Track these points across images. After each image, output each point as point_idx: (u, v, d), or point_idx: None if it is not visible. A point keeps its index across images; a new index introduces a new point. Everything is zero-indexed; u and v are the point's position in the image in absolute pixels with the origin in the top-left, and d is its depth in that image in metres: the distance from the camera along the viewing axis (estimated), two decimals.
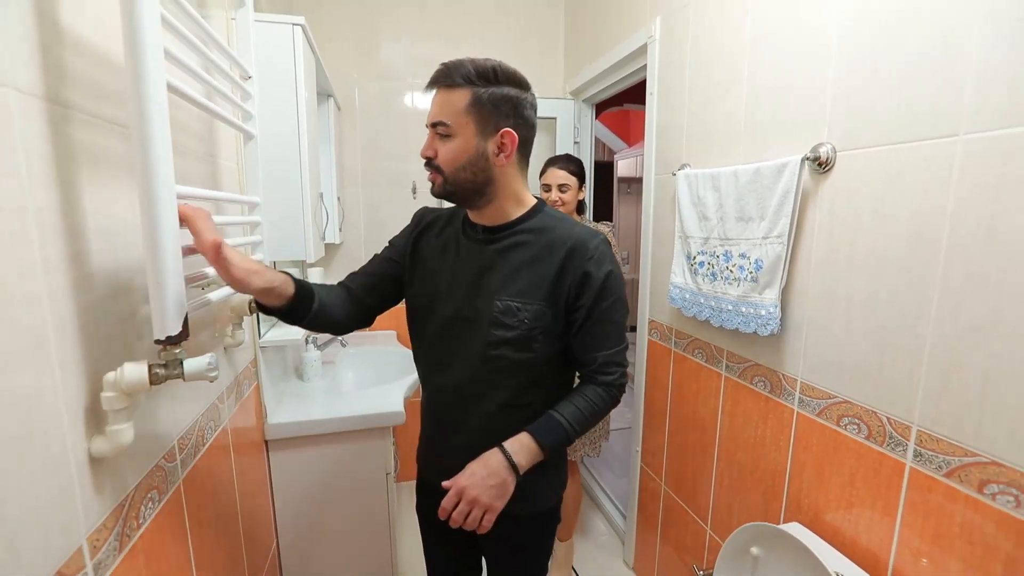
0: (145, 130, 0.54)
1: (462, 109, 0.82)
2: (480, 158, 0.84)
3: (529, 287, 0.87)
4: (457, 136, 0.83)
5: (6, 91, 0.48)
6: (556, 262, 0.87)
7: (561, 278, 0.86)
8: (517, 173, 0.90)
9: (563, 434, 0.87)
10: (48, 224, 0.53)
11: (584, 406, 0.89)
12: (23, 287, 0.50)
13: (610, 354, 0.90)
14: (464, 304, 0.91)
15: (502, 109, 0.83)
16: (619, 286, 0.90)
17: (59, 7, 0.56)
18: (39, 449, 0.51)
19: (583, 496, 2.41)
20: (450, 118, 0.82)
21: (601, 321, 0.89)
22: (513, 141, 0.84)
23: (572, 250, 0.86)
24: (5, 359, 0.47)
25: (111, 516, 0.62)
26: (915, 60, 0.83)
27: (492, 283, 0.89)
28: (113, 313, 0.65)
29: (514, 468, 0.84)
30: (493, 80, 0.82)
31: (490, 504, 0.82)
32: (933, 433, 0.83)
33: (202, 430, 0.93)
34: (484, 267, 0.90)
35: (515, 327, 0.87)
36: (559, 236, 0.88)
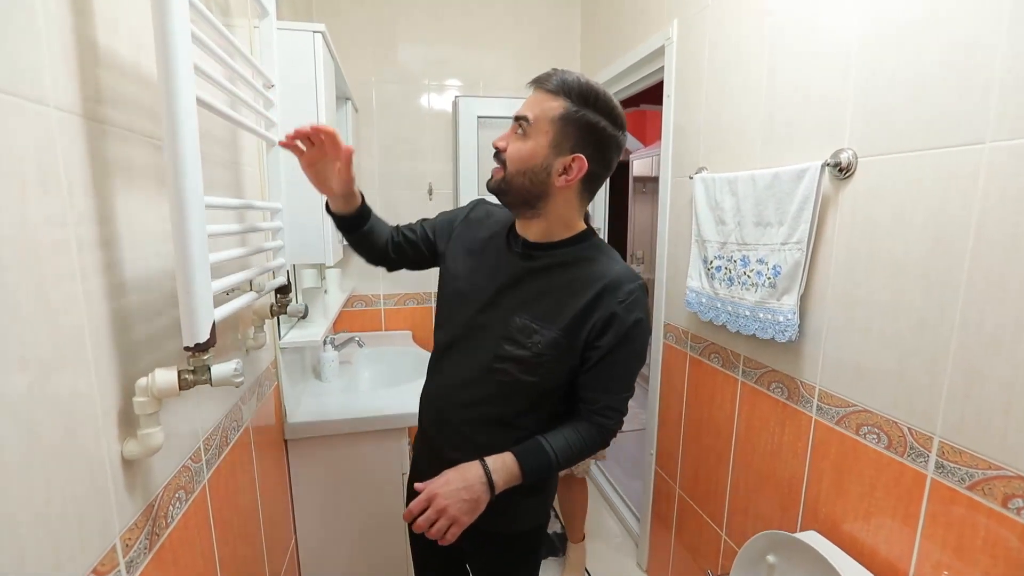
0: (177, 145, 0.56)
1: (549, 118, 0.80)
2: (543, 171, 0.82)
3: (551, 313, 0.85)
4: (531, 140, 0.82)
5: (48, 110, 0.50)
6: (587, 296, 0.84)
7: (588, 313, 0.84)
8: (575, 201, 0.87)
9: (546, 463, 0.85)
10: (85, 233, 0.56)
11: (574, 441, 0.87)
12: (62, 293, 0.52)
13: (615, 399, 0.88)
14: (486, 308, 0.90)
15: (585, 136, 0.81)
16: (643, 337, 0.87)
17: (95, 27, 0.58)
18: (78, 451, 0.54)
19: (597, 497, 2.42)
20: (535, 120, 0.81)
21: (615, 364, 0.86)
22: (581, 169, 0.81)
23: (606, 288, 0.84)
24: (47, 362, 0.49)
25: (142, 516, 0.65)
26: (937, 66, 0.82)
27: (515, 298, 0.88)
28: (143, 319, 0.67)
29: (491, 485, 0.82)
30: (591, 105, 0.80)
31: (457, 517, 0.80)
32: (956, 445, 0.82)
33: (226, 431, 0.96)
34: (513, 280, 0.89)
35: (527, 347, 0.85)
36: (597, 270, 0.86)
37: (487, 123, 2.19)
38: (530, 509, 0.99)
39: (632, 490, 2.34)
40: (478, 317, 0.91)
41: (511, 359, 0.86)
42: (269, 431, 1.27)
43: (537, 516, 1.01)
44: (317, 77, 1.26)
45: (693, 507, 1.57)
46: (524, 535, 1.01)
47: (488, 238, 0.96)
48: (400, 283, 2.34)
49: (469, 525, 0.83)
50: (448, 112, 2.30)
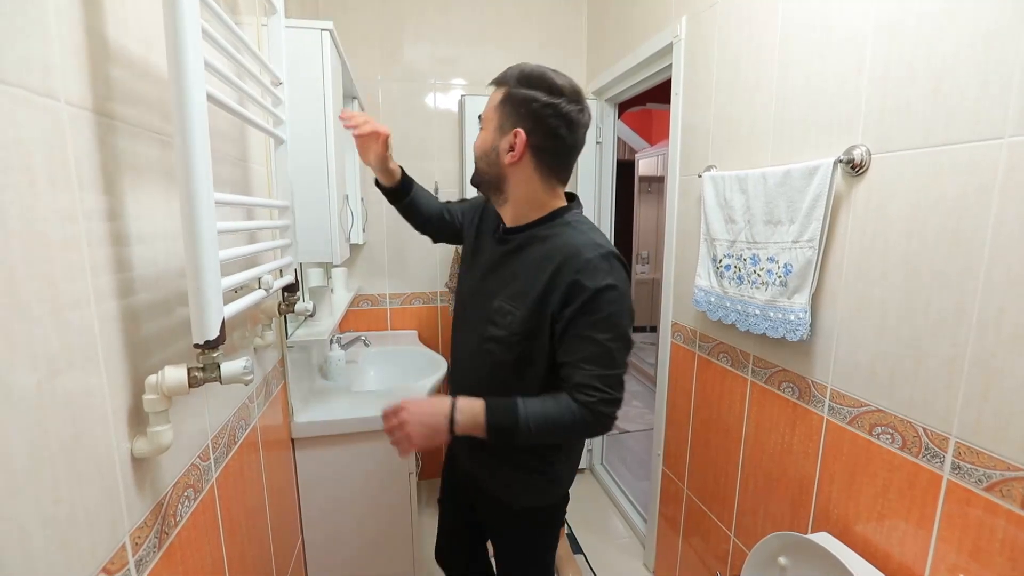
0: (187, 141, 0.55)
1: (493, 106, 0.89)
2: (492, 152, 0.89)
3: (521, 292, 0.88)
4: (484, 130, 0.91)
5: (58, 105, 0.50)
6: (548, 271, 0.85)
7: (550, 287, 0.84)
8: (535, 178, 0.89)
9: (513, 423, 0.83)
10: (95, 230, 0.55)
11: (551, 410, 0.83)
12: (73, 290, 0.51)
13: (587, 375, 0.83)
14: (476, 293, 0.99)
15: (521, 110, 0.85)
16: (610, 307, 0.83)
17: (106, 23, 0.58)
18: (88, 450, 0.53)
19: (603, 497, 2.41)
20: (484, 114, 0.91)
21: (581, 337, 0.83)
22: (521, 143, 0.85)
23: (565, 260, 0.84)
24: (57, 360, 0.49)
25: (151, 514, 0.64)
26: (956, 58, 0.81)
27: (495, 282, 0.95)
28: (152, 316, 0.67)
29: (452, 423, 0.83)
30: (524, 84, 0.85)
31: (412, 436, 0.83)
32: (973, 445, 0.80)
33: (233, 429, 0.95)
34: (493, 265, 0.96)
35: (504, 327, 0.90)
36: (558, 244, 0.87)
37: None
38: (534, 487, 1.01)
39: (639, 491, 2.33)
40: (471, 300, 1.00)
41: (493, 340, 0.91)
42: (276, 430, 1.27)
43: (544, 496, 1.03)
44: (325, 75, 1.25)
45: (701, 508, 1.56)
46: (532, 512, 1.04)
47: (486, 227, 1.04)
48: (406, 283, 2.33)
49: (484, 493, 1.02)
50: (454, 111, 2.29)
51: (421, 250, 2.28)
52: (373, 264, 2.28)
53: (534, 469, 0.99)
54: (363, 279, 2.27)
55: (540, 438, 0.84)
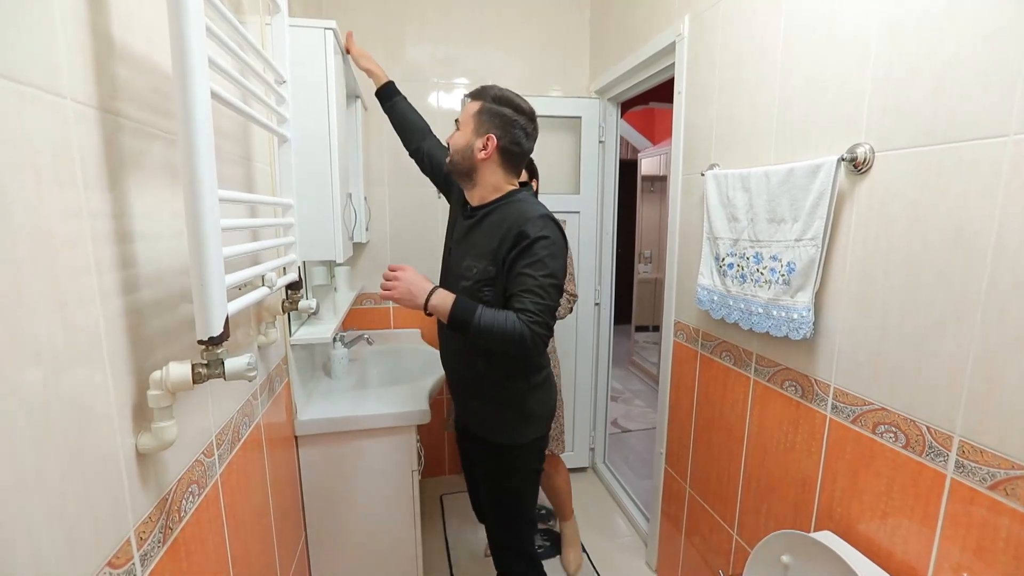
0: (191, 139, 0.56)
1: (471, 114, 1.15)
2: (468, 149, 1.15)
3: (482, 251, 1.13)
4: (461, 131, 1.17)
5: (64, 102, 0.50)
6: (502, 230, 1.10)
7: (503, 241, 1.09)
8: (498, 171, 1.17)
9: (469, 318, 1.04)
10: (100, 228, 0.56)
11: (500, 319, 1.04)
12: (78, 288, 0.52)
13: (526, 301, 1.04)
14: (454, 260, 1.23)
15: (494, 121, 1.13)
16: (547, 251, 1.07)
17: (110, 21, 0.59)
18: (93, 446, 0.54)
19: (606, 496, 2.41)
20: (462, 119, 1.17)
21: (522, 274, 1.06)
22: (492, 145, 1.13)
23: (514, 220, 1.09)
24: (62, 357, 0.49)
25: (155, 509, 0.65)
26: (960, 56, 0.80)
27: (464, 247, 1.20)
28: (156, 313, 0.67)
29: (427, 300, 1.08)
30: (498, 100, 1.14)
31: (393, 291, 1.09)
32: (977, 444, 0.80)
33: (238, 426, 0.96)
34: (462, 235, 1.22)
35: (470, 278, 1.14)
36: (511, 212, 1.13)
37: None
38: (509, 423, 1.23)
39: (641, 489, 2.33)
40: (450, 266, 1.25)
41: (464, 290, 1.13)
42: (280, 427, 1.28)
43: (517, 432, 1.24)
44: (328, 73, 1.26)
45: (704, 506, 1.56)
46: (506, 449, 1.25)
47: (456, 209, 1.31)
48: None
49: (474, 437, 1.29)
50: (457, 110, 2.29)
51: (424, 249, 2.28)
52: (376, 263, 2.28)
53: (510, 404, 1.22)
54: (366, 278, 2.27)
55: (487, 338, 1.04)
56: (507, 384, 1.21)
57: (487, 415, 1.25)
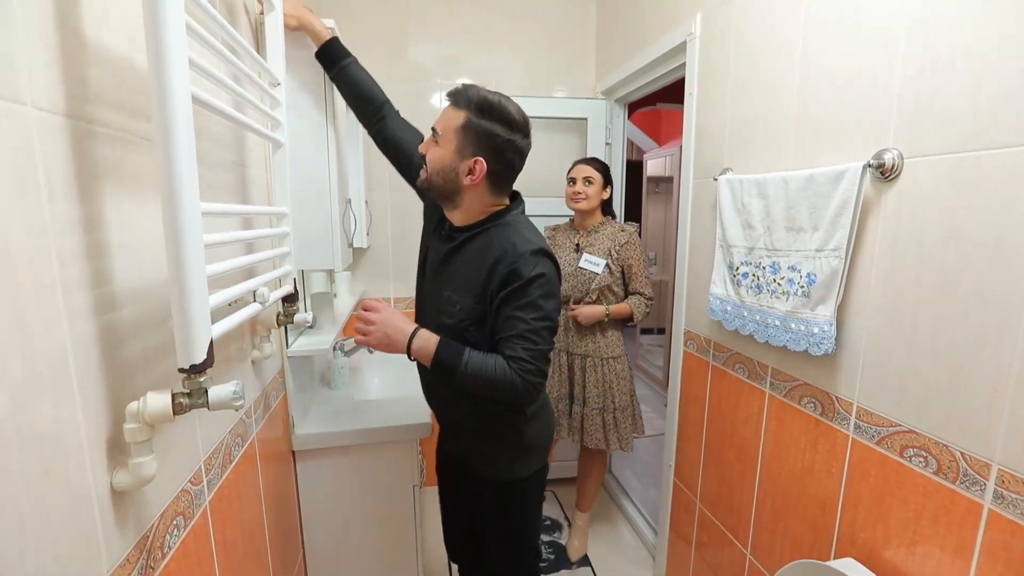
0: (168, 148, 0.51)
1: (453, 127, 0.95)
2: (451, 171, 0.97)
3: (466, 283, 1.00)
4: (441, 147, 0.97)
5: (25, 109, 0.45)
6: (490, 261, 0.97)
7: (491, 276, 0.96)
8: (486, 195, 1.01)
9: (455, 362, 0.94)
10: (69, 242, 0.51)
11: (489, 365, 0.94)
12: (41, 310, 0.47)
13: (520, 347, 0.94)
14: (430, 289, 1.10)
15: (482, 142, 0.94)
16: (541, 290, 0.95)
17: (82, 18, 0.53)
18: (60, 485, 0.49)
19: (611, 505, 2.35)
20: (442, 130, 0.97)
21: (514, 317, 0.95)
22: (481, 170, 0.95)
23: (503, 252, 0.96)
24: (21, 388, 0.44)
25: (134, 549, 0.60)
26: (1000, 55, 0.75)
27: (444, 275, 1.05)
28: (136, 333, 0.62)
29: (409, 344, 0.96)
30: (487, 114, 0.93)
31: (369, 337, 0.97)
32: (1018, 474, 0.74)
33: (229, 447, 0.91)
34: (443, 260, 1.06)
35: (452, 316, 1.01)
36: (497, 240, 0.99)
37: None
38: (510, 457, 1.13)
39: (647, 499, 2.28)
40: (427, 295, 1.11)
41: (444, 328, 1.01)
42: (276, 442, 1.23)
43: (519, 466, 1.14)
44: (326, 75, 1.21)
45: (715, 523, 1.50)
46: (509, 484, 1.14)
47: (436, 230, 1.11)
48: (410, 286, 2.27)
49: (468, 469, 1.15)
50: None
51: None
52: (377, 267, 2.24)
53: (506, 438, 1.11)
54: (367, 282, 2.22)
55: (475, 385, 0.95)
56: (502, 417, 1.09)
57: (482, 449, 1.13)
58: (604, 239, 1.82)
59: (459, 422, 1.15)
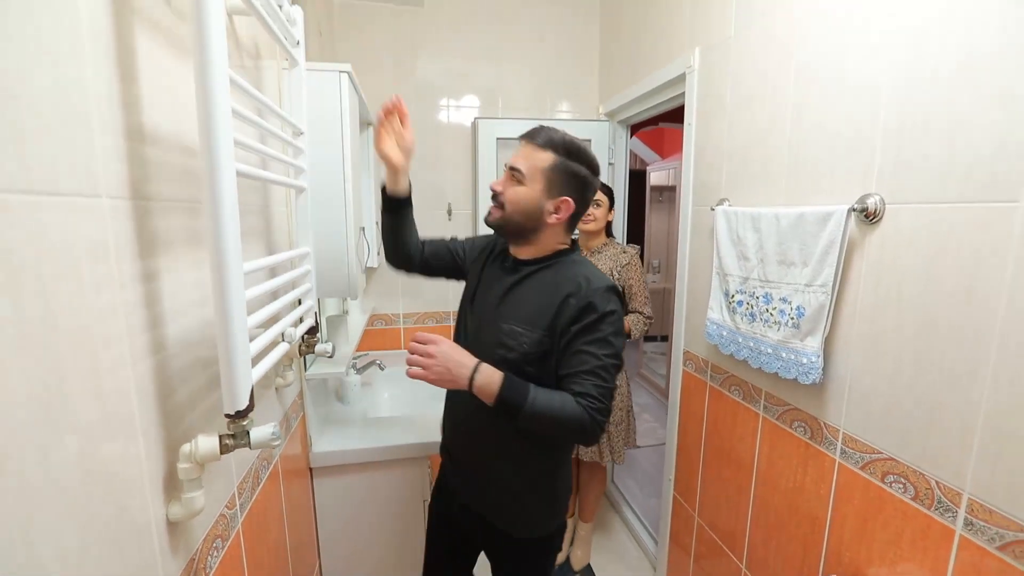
0: (218, 222, 0.57)
1: (540, 168, 0.96)
2: (537, 211, 0.98)
3: (534, 315, 0.97)
4: (527, 186, 0.97)
5: (100, 201, 0.53)
6: (562, 295, 0.96)
7: (562, 309, 0.95)
8: (561, 232, 1.04)
9: (521, 402, 0.89)
10: (134, 316, 0.58)
11: (556, 402, 0.91)
12: (115, 377, 0.54)
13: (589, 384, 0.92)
14: (486, 321, 1.04)
15: (571, 183, 0.98)
16: (614, 331, 0.95)
17: (141, 112, 0.61)
18: (128, 518, 0.56)
19: (612, 514, 2.42)
20: (528, 170, 0.97)
21: (585, 352, 0.93)
22: (568, 209, 0.99)
23: (579, 286, 0.96)
24: (100, 435, 0.51)
25: (183, 572, 0.67)
26: (971, 116, 0.81)
27: (505, 308, 1.01)
28: (182, 383, 0.70)
29: (471, 380, 0.90)
30: (574, 156, 0.97)
31: (428, 372, 0.90)
32: (986, 503, 0.81)
33: (257, 471, 0.98)
34: (505, 292, 1.03)
35: (515, 349, 0.97)
36: (569, 274, 0.99)
37: (507, 144, 2.20)
38: (538, 514, 1.08)
39: (648, 508, 2.34)
40: (479, 330, 1.06)
41: (504, 361, 0.96)
42: (296, 459, 1.30)
43: (546, 522, 1.10)
44: (343, 113, 1.28)
45: (712, 537, 1.57)
46: (537, 541, 1.10)
47: (493, 262, 1.12)
48: (419, 302, 2.36)
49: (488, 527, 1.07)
50: (466, 125, 2.32)
51: None
52: (387, 284, 2.31)
53: (533, 486, 1.05)
54: (377, 299, 2.30)
55: (540, 424, 0.90)
56: (534, 460, 1.04)
57: (507, 501, 1.05)
58: (607, 259, 1.88)
59: (485, 460, 1.06)
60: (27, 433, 0.42)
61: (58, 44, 0.47)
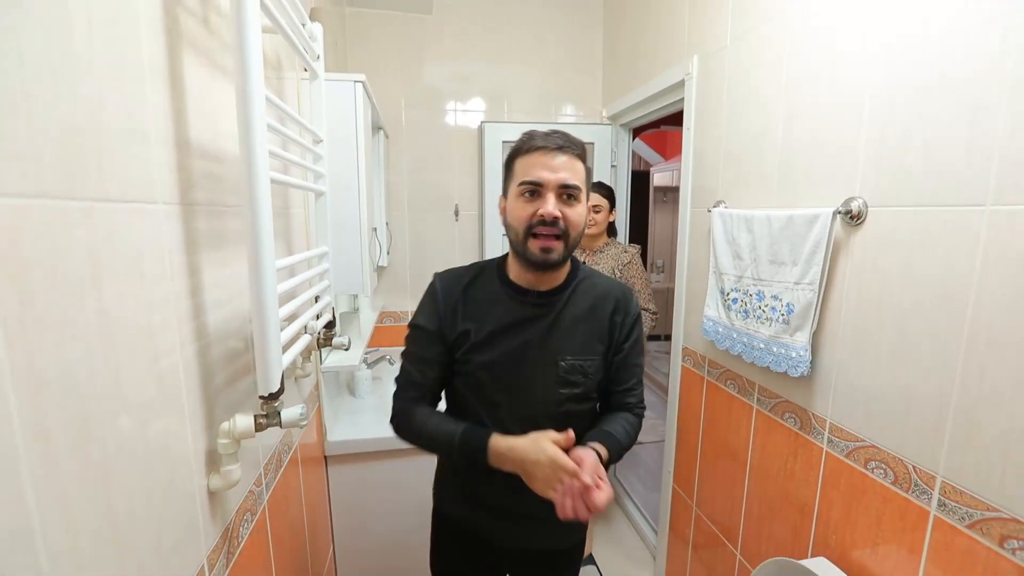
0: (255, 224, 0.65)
1: (583, 178, 0.89)
2: (585, 224, 0.91)
3: (588, 342, 0.93)
4: (581, 203, 0.88)
5: (156, 207, 0.60)
6: (606, 313, 0.95)
7: (612, 325, 0.95)
8: None
9: (621, 447, 0.91)
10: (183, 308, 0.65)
11: (629, 430, 0.96)
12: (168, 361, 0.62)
13: (639, 393, 1.01)
14: (531, 368, 0.91)
15: (589, 183, 0.93)
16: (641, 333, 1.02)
17: (189, 123, 0.68)
18: (179, 487, 0.64)
19: (614, 507, 2.48)
20: (581, 184, 0.87)
21: (634, 364, 1.00)
22: (588, 211, 0.93)
23: (618, 301, 0.97)
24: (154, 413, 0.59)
25: (221, 538, 0.75)
26: (946, 127, 0.87)
27: (554, 345, 0.91)
28: (219, 369, 0.77)
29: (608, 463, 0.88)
30: (586, 155, 0.90)
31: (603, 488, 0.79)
32: (957, 486, 0.87)
33: (280, 454, 1.06)
34: (546, 331, 0.91)
35: (580, 384, 0.92)
36: (602, 288, 0.97)
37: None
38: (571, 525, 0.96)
39: (651, 502, 2.40)
40: (525, 378, 0.91)
41: (570, 399, 0.93)
42: (312, 448, 1.38)
43: (577, 532, 1.10)
44: (357, 120, 1.36)
45: (709, 526, 1.63)
46: (568, 551, 1.10)
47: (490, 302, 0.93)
48: None
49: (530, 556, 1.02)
50: (472, 129, 2.39)
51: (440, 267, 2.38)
52: (396, 282, 2.39)
53: None
54: (387, 297, 2.38)
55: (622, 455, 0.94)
56: None
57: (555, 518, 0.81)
58: (608, 259, 1.95)
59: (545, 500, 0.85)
60: (106, 406, 0.50)
61: (126, 71, 0.55)
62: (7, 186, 0.39)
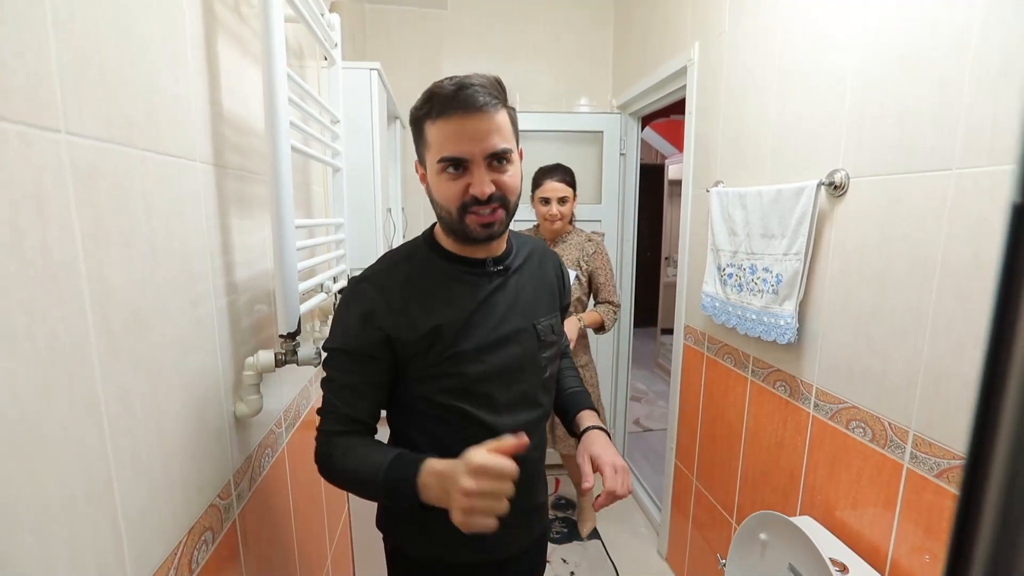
0: (278, 185, 0.75)
1: (510, 131, 0.73)
2: None
3: (550, 300, 0.90)
4: (514, 162, 0.74)
5: (195, 164, 0.70)
6: (550, 273, 0.92)
7: (557, 283, 0.94)
8: None
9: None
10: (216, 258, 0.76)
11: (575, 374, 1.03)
12: (204, 297, 0.72)
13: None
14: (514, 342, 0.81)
15: (516, 129, 0.77)
16: None
17: (221, 94, 0.79)
18: (212, 413, 0.74)
19: None
20: (510, 143, 0.73)
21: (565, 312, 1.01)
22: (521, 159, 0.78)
23: (553, 261, 0.95)
24: (193, 345, 0.69)
25: (244, 463, 0.85)
26: (916, 101, 0.92)
27: (527, 310, 0.83)
28: (245, 314, 0.88)
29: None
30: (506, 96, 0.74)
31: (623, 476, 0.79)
32: (927, 437, 0.92)
33: (298, 406, 1.17)
34: (514, 297, 0.82)
35: (554, 343, 0.88)
36: (538, 248, 0.92)
37: (526, 136, 2.34)
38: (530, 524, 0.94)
39: (658, 484, 2.45)
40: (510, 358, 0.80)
41: (551, 360, 0.88)
42: None
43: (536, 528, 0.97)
44: (373, 107, 1.46)
45: (708, 497, 1.68)
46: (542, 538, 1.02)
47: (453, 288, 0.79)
48: None
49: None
50: None
51: None
52: None
53: None
54: None
55: None
56: None
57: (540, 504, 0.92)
58: (573, 249, 1.85)
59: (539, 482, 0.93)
60: (154, 320, 0.60)
61: (175, 45, 0.65)
62: (90, 130, 0.49)
